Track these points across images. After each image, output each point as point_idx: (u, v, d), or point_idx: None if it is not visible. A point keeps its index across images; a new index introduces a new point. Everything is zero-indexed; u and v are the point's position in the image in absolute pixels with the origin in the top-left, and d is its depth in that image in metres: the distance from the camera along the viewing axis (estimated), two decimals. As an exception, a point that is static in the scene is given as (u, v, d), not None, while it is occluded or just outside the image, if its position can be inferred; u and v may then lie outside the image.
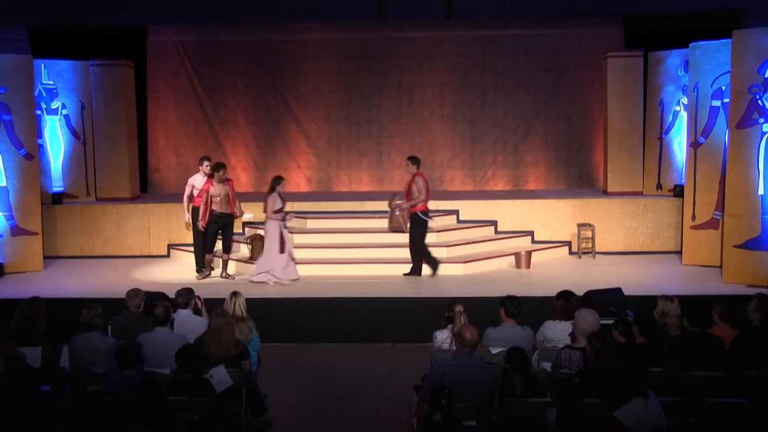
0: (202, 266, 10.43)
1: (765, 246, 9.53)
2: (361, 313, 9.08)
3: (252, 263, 10.55)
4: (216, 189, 10.08)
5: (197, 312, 7.11)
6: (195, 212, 10.37)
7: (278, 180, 10.11)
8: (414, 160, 10.33)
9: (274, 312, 8.88)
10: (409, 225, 10.11)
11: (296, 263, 10.20)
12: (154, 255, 12.03)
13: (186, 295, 6.95)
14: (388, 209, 10.39)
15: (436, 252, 10.53)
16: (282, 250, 9.89)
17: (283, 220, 9.97)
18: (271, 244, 9.91)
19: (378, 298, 9.26)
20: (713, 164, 10.60)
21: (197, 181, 10.48)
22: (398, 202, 10.31)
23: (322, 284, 9.95)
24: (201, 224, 10.08)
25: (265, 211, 9.94)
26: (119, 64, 12.94)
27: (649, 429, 4.36)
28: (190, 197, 10.53)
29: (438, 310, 6.95)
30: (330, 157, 14.52)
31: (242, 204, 10.53)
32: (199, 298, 7.35)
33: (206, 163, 10.45)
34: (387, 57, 14.34)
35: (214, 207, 10.08)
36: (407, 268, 10.29)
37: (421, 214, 10.07)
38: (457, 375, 5.29)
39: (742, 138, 9.66)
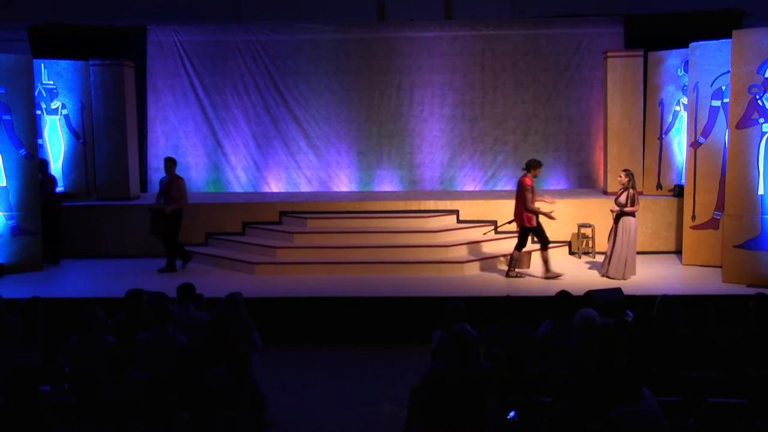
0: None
1: (765, 246, 9.52)
2: (360, 313, 9.08)
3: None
4: None
5: (198, 310, 7.11)
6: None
7: (629, 172, 10.12)
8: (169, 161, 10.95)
9: (274, 312, 8.89)
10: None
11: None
12: (154, 255, 12.02)
13: (186, 293, 6.96)
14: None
15: (436, 252, 10.59)
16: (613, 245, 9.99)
17: (622, 215, 9.96)
18: (632, 240, 9.95)
19: (378, 298, 9.26)
20: (713, 164, 10.61)
21: None
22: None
23: (322, 284, 9.95)
24: None
25: (633, 205, 9.90)
26: (119, 64, 12.95)
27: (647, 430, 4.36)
28: None
29: (438, 310, 6.95)
30: (330, 157, 14.53)
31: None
32: (200, 296, 7.36)
33: None
34: (387, 57, 14.35)
35: None
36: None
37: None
38: (456, 376, 5.28)
39: (742, 138, 9.66)
